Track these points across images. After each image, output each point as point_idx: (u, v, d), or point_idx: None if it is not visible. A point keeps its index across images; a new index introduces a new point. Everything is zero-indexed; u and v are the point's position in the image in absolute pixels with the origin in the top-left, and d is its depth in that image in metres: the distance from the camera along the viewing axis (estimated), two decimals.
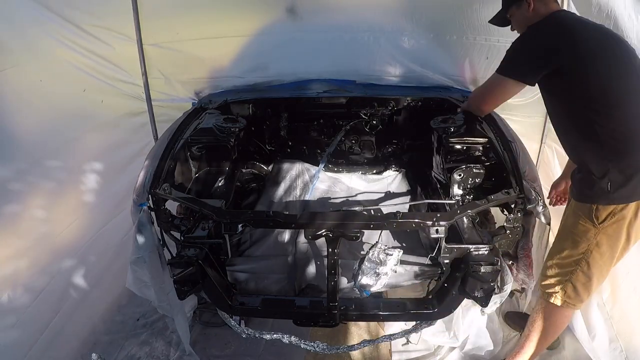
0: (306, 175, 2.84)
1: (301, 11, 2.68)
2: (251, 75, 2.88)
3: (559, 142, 1.98)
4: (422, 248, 2.29)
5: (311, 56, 2.81)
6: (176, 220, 2.02)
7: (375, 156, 3.02)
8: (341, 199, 2.77)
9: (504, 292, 1.95)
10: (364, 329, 2.55)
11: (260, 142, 2.96)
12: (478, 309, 2.17)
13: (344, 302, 1.92)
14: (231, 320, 2.09)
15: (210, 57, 2.80)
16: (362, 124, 2.89)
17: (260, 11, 2.75)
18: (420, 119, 2.66)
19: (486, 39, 2.60)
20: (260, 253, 2.32)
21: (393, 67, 2.79)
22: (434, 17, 2.60)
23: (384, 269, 1.86)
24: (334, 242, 1.78)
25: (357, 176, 2.96)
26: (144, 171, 1.99)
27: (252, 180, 2.88)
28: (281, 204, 2.67)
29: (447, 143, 2.19)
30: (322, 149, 2.97)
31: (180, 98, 2.88)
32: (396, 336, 2.11)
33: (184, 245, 1.93)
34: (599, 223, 1.73)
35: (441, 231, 1.76)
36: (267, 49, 2.82)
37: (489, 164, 2.14)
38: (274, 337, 2.02)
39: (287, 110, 2.86)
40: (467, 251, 1.85)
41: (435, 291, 1.97)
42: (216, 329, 2.52)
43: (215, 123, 2.39)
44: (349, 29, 2.73)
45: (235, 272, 2.14)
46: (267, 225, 1.99)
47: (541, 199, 1.82)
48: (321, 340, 2.06)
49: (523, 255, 1.96)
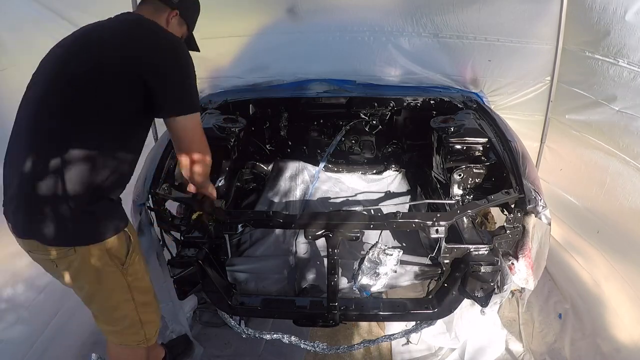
0: (306, 175, 2.84)
1: (301, 11, 2.68)
2: (251, 75, 2.88)
3: (558, 142, 1.98)
4: (422, 248, 2.30)
5: (311, 56, 2.81)
6: (176, 220, 2.02)
7: (375, 156, 3.02)
8: (341, 199, 2.77)
9: (504, 292, 1.95)
10: (364, 329, 2.55)
11: (260, 142, 2.96)
12: (478, 309, 2.17)
13: (344, 302, 1.92)
14: (231, 320, 2.09)
15: (210, 57, 2.79)
16: (362, 124, 2.89)
17: (260, 11, 2.75)
18: (420, 119, 2.67)
19: (486, 38, 2.60)
20: (260, 253, 2.32)
21: (393, 67, 2.80)
22: (434, 17, 2.60)
23: (384, 269, 1.86)
24: (334, 242, 1.78)
25: (357, 176, 2.96)
26: (144, 171, 1.99)
27: (252, 180, 2.88)
28: (281, 204, 2.67)
29: (447, 143, 2.19)
30: (322, 149, 2.97)
31: None
32: (396, 336, 2.11)
33: (184, 245, 1.93)
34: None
35: (441, 231, 1.76)
36: (267, 49, 2.83)
37: (489, 164, 2.14)
38: (274, 337, 2.02)
39: (287, 110, 2.86)
40: (467, 251, 1.85)
41: (435, 291, 1.97)
42: (216, 329, 2.51)
43: (215, 123, 2.39)
44: (349, 29, 2.73)
45: (235, 272, 2.14)
46: (267, 225, 1.99)
47: (541, 199, 1.82)
48: (321, 340, 2.05)
49: (523, 255, 1.96)
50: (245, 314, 2.19)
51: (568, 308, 2.57)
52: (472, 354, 2.29)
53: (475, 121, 2.35)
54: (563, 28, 2.41)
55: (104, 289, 1.59)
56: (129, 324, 1.68)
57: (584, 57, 2.30)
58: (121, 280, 1.59)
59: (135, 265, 1.64)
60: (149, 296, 1.74)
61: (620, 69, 2.06)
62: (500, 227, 1.98)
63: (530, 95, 2.72)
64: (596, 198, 2.34)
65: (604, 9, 2.06)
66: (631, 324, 2.14)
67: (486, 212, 2.32)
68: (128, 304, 1.64)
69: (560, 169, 2.68)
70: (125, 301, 1.64)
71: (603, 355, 2.22)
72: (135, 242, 1.65)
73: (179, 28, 1.72)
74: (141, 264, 1.69)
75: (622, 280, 2.20)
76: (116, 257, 1.56)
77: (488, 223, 2.32)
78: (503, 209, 2.05)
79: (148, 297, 1.73)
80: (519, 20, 2.49)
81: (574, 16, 2.33)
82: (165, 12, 1.64)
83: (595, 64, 2.22)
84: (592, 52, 2.23)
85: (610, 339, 2.23)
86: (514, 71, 2.71)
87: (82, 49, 1.49)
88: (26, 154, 1.42)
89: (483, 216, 2.32)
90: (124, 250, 1.57)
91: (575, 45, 2.40)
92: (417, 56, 2.75)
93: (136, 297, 1.65)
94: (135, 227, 1.85)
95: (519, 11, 2.46)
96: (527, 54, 2.60)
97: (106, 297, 1.62)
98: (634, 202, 2.07)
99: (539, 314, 2.58)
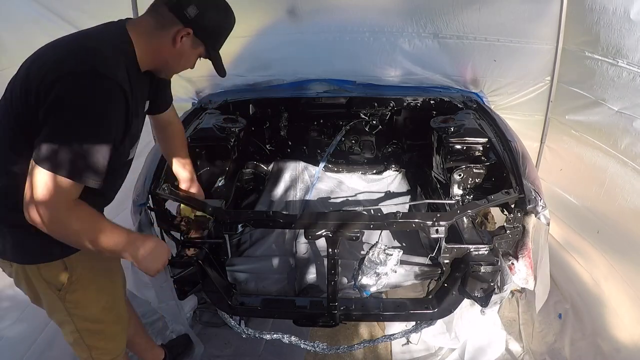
0: (306, 175, 2.84)
1: (301, 12, 2.68)
2: (251, 75, 2.88)
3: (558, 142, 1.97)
4: (422, 248, 2.30)
5: (311, 57, 2.81)
6: (176, 220, 2.02)
7: (375, 156, 3.02)
8: (341, 198, 2.77)
9: (504, 292, 1.94)
10: (364, 329, 2.55)
11: (260, 142, 2.96)
12: (478, 309, 2.17)
13: (344, 302, 1.91)
14: (231, 320, 2.08)
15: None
16: (362, 124, 2.89)
17: (260, 12, 2.75)
18: (420, 119, 2.67)
19: (486, 38, 2.60)
20: (260, 253, 2.32)
21: (393, 67, 2.80)
22: (434, 18, 2.60)
23: (383, 269, 1.86)
24: (334, 242, 1.78)
25: (357, 176, 2.96)
26: (144, 171, 1.99)
27: (252, 180, 2.89)
28: (281, 204, 2.67)
29: (447, 143, 2.19)
30: (322, 149, 2.97)
31: (180, 98, 2.88)
32: (396, 336, 2.11)
33: (184, 245, 1.93)
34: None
35: (441, 231, 1.76)
36: (268, 50, 2.83)
37: (489, 164, 2.14)
38: (274, 337, 2.01)
39: (287, 110, 2.86)
40: (467, 251, 1.84)
41: (435, 291, 1.97)
42: (216, 329, 2.51)
43: (215, 123, 2.39)
44: (349, 29, 2.73)
45: (235, 272, 2.14)
46: (267, 225, 1.99)
47: (541, 199, 1.82)
48: (321, 340, 2.05)
49: (523, 255, 1.96)
50: (245, 314, 2.19)
51: (568, 308, 2.57)
52: (472, 354, 2.29)
53: (475, 121, 2.35)
54: (563, 28, 2.41)
55: (44, 305, 1.56)
56: (73, 342, 1.63)
57: (583, 57, 2.30)
58: (58, 304, 1.51)
59: (76, 295, 1.50)
60: (98, 325, 1.62)
61: (619, 69, 2.06)
62: (500, 227, 1.98)
63: (530, 95, 2.72)
64: (596, 198, 2.34)
65: (604, 9, 2.06)
66: (631, 324, 2.14)
67: (486, 212, 2.31)
68: (68, 325, 1.57)
69: (560, 169, 2.68)
70: (65, 322, 1.57)
71: (603, 355, 2.22)
72: (83, 276, 1.49)
73: (192, 50, 1.41)
74: (87, 296, 1.53)
75: (622, 280, 2.20)
76: (50, 282, 1.46)
77: (488, 223, 2.31)
78: (503, 209, 2.05)
79: (97, 327, 1.62)
80: (519, 20, 2.49)
81: (574, 16, 2.33)
82: (173, 29, 1.33)
83: (595, 64, 2.22)
84: (592, 52, 2.23)
85: (610, 339, 2.23)
86: (514, 71, 2.71)
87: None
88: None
89: (483, 216, 2.32)
90: (60, 279, 1.46)
91: (575, 45, 2.40)
92: (417, 56, 2.75)
93: (78, 324, 1.57)
94: (135, 227, 1.85)
95: (519, 11, 2.46)
96: (527, 54, 2.60)
97: (48, 313, 1.59)
98: (633, 203, 2.07)
99: (539, 314, 2.58)
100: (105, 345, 1.69)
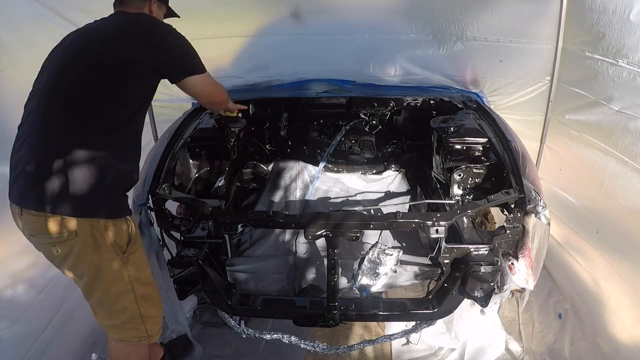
0: (306, 175, 2.84)
1: (302, 13, 2.68)
2: (251, 75, 2.88)
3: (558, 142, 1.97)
4: (422, 248, 2.30)
5: (311, 57, 2.81)
6: (176, 220, 2.02)
7: (375, 156, 3.02)
8: (341, 199, 2.77)
9: (504, 292, 1.95)
10: (364, 329, 2.55)
11: (260, 142, 2.96)
12: (478, 309, 2.17)
13: (344, 302, 1.92)
14: (231, 320, 2.08)
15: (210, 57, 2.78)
16: (362, 124, 2.89)
17: (260, 12, 2.75)
18: (420, 119, 2.67)
19: (486, 38, 2.60)
20: (260, 253, 2.32)
21: (393, 68, 2.79)
22: (434, 18, 2.60)
23: (383, 269, 1.86)
24: (334, 242, 1.78)
25: (357, 176, 2.96)
26: (144, 171, 1.99)
27: (252, 180, 2.89)
28: (281, 204, 2.67)
29: (447, 143, 2.19)
30: (322, 149, 2.97)
31: (180, 98, 2.87)
32: (396, 336, 2.11)
33: (184, 245, 1.93)
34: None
35: (441, 231, 1.76)
36: (268, 50, 2.82)
37: (489, 164, 2.14)
38: (274, 337, 2.02)
39: (287, 110, 2.86)
40: (467, 251, 1.85)
41: (435, 291, 1.97)
42: (216, 329, 2.51)
43: (215, 123, 2.39)
44: (350, 30, 2.73)
45: (235, 272, 2.14)
46: (267, 225, 1.99)
47: (541, 199, 1.82)
48: (321, 340, 2.06)
49: (523, 255, 1.96)
50: (245, 314, 2.19)
51: (568, 308, 2.57)
52: (472, 354, 2.29)
53: (475, 121, 2.35)
54: (563, 28, 2.41)
55: (103, 278, 1.59)
56: (129, 318, 1.68)
57: (583, 57, 2.30)
58: (121, 269, 1.60)
59: (136, 256, 1.66)
60: (150, 289, 1.74)
61: (619, 69, 2.06)
62: (500, 227, 1.98)
63: (530, 95, 2.72)
64: (596, 198, 2.34)
65: (604, 9, 2.06)
66: (631, 324, 2.14)
67: (486, 212, 2.32)
68: (128, 295, 1.64)
69: (560, 168, 2.68)
70: (125, 292, 1.64)
71: (603, 355, 2.22)
72: (137, 235, 1.68)
73: (160, 11, 1.91)
74: (142, 256, 1.71)
75: (622, 280, 2.20)
76: (116, 243, 1.57)
77: (488, 223, 2.32)
78: (503, 209, 2.05)
79: (149, 290, 1.73)
80: (518, 20, 2.49)
81: (573, 16, 2.33)
82: (146, 3, 1.80)
83: (595, 64, 2.22)
84: (592, 52, 2.23)
85: (610, 339, 2.23)
86: (514, 71, 2.70)
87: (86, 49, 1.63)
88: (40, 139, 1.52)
89: (483, 216, 2.32)
90: (124, 238, 1.60)
91: (575, 45, 2.40)
92: (416, 57, 2.75)
93: (136, 289, 1.65)
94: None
95: (518, 11, 2.46)
96: (527, 54, 2.60)
97: (106, 288, 1.62)
98: (633, 202, 2.07)
99: (539, 314, 2.58)
100: (156, 313, 1.79)
